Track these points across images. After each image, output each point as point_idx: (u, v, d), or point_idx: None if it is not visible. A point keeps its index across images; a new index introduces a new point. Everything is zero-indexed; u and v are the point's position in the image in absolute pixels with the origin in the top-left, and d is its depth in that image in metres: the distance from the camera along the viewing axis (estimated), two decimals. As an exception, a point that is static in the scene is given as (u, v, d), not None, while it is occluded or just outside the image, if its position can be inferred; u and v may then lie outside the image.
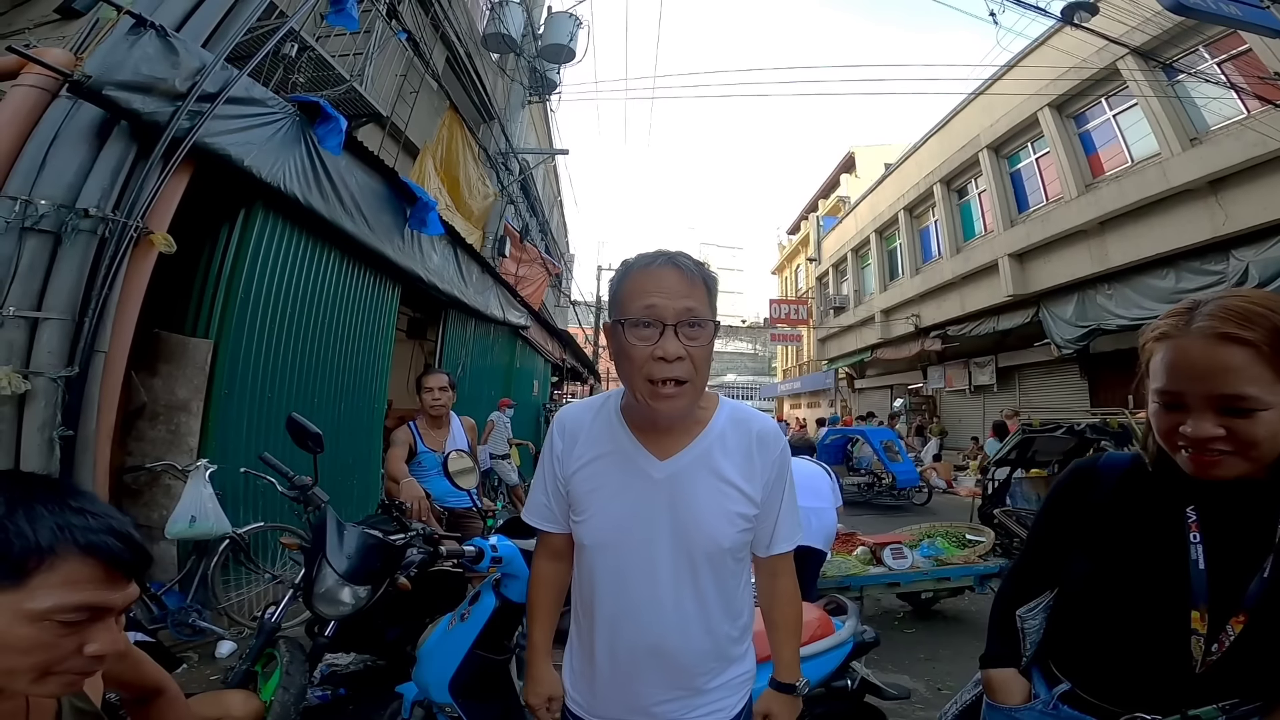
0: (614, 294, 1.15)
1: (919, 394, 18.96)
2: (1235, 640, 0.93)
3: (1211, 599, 0.95)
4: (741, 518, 1.16)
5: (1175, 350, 0.94)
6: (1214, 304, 0.92)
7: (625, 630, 1.16)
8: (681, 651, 1.15)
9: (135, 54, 2.89)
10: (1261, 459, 0.89)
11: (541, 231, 14.81)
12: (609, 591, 1.17)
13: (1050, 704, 1.12)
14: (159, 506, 3.42)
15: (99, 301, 2.78)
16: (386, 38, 6.04)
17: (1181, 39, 9.00)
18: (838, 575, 4.09)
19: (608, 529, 1.17)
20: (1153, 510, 1.04)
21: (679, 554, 1.14)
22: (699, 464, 1.16)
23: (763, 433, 1.21)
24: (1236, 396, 0.87)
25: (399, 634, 2.47)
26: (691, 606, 1.15)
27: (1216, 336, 0.89)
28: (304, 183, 3.88)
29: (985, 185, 14.06)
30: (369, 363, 5.25)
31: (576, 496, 1.21)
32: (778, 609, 1.28)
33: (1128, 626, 1.04)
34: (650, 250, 1.16)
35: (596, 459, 1.20)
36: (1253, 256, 8.36)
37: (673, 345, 1.07)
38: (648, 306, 1.08)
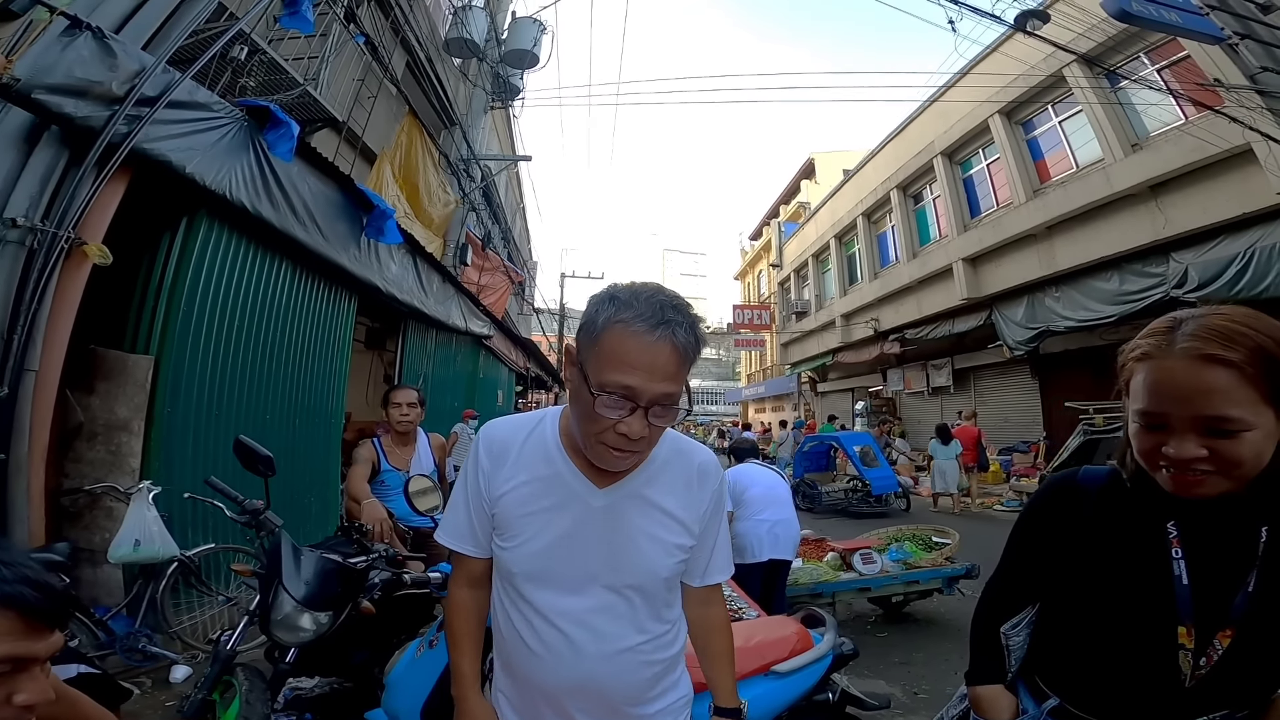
0: (593, 332, 1.00)
1: (879, 396, 19.34)
2: (1223, 654, 0.94)
3: (1197, 614, 0.95)
4: (679, 549, 1.15)
5: (1158, 371, 0.92)
6: (1196, 323, 0.91)
7: (558, 663, 1.10)
8: (618, 683, 1.12)
9: (69, 56, 2.76)
10: (1244, 477, 0.88)
11: (504, 239, 14.66)
12: (539, 622, 1.10)
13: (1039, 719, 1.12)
14: (101, 530, 3.26)
15: (28, 317, 2.63)
16: (344, 41, 5.89)
17: (1124, 46, 9.36)
18: (810, 582, 4.10)
19: (540, 556, 1.10)
20: (1134, 525, 1.03)
21: (614, 584, 1.10)
22: (639, 494, 1.13)
23: (704, 465, 1.19)
24: (1222, 419, 0.86)
25: (366, 657, 2.38)
26: (627, 636, 1.12)
27: (1201, 358, 0.87)
28: (252, 190, 3.73)
29: (940, 191, 14.45)
30: (325, 376, 5.08)
31: (505, 520, 1.12)
32: (713, 639, 1.27)
33: (1115, 642, 1.03)
34: (646, 298, 1.00)
35: (530, 482, 1.12)
36: (1192, 259, 8.72)
37: (638, 427, 0.99)
38: (625, 387, 0.96)
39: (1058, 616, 1.14)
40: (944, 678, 3.73)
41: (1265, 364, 0.85)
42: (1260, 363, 0.85)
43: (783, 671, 1.98)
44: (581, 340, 1.04)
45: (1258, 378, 0.85)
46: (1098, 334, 11.16)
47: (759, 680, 1.96)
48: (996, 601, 1.25)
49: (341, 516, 2.76)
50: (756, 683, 1.94)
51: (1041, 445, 12.72)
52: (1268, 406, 0.86)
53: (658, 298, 1.01)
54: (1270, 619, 0.92)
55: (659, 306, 0.99)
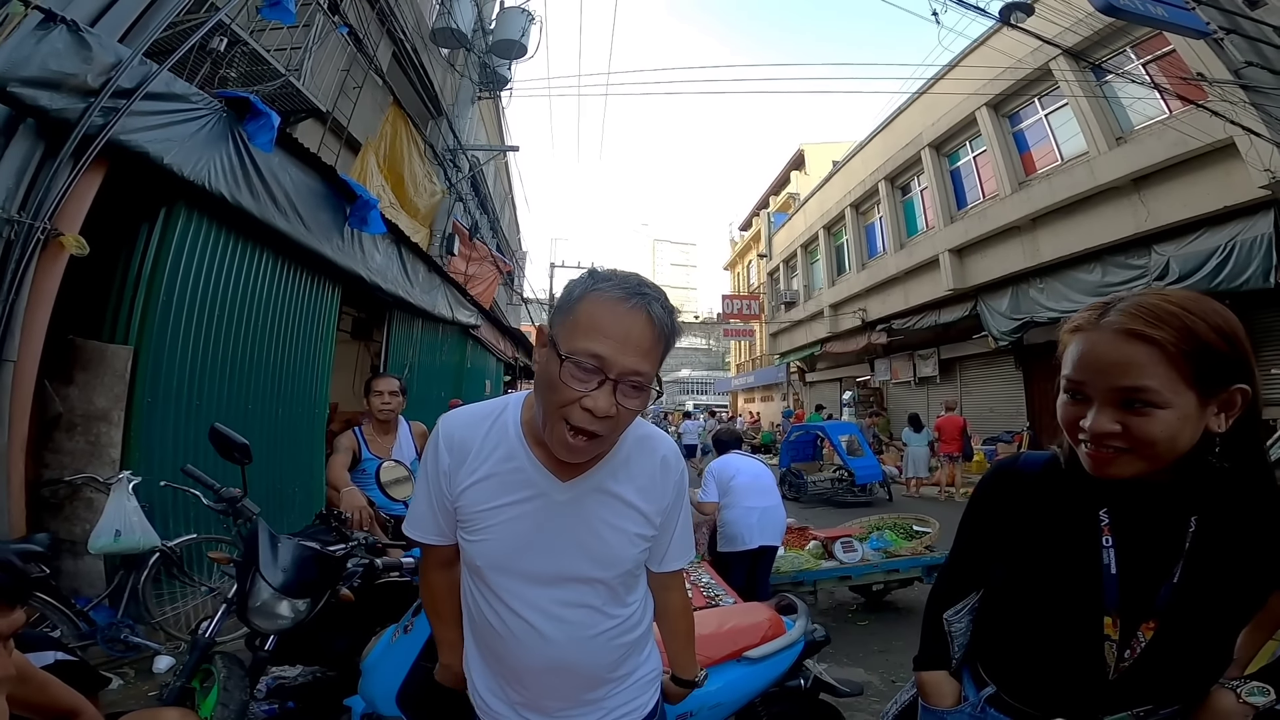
0: (568, 304, 1.01)
1: (867, 386, 19.46)
2: (1146, 646, 0.94)
3: (1123, 604, 0.95)
4: (642, 539, 1.16)
5: (1085, 342, 0.94)
6: (1129, 300, 0.92)
7: (526, 652, 1.12)
8: (587, 664, 1.14)
9: (43, 49, 2.74)
10: (1158, 459, 0.89)
11: (492, 229, 14.61)
12: (506, 613, 1.11)
13: (978, 706, 1.13)
14: (81, 520, 3.24)
15: (5, 308, 2.63)
16: (327, 31, 5.84)
17: (1110, 40, 9.42)
18: (791, 570, 4.16)
19: (505, 550, 1.10)
20: (1067, 512, 1.03)
21: (579, 574, 1.12)
22: (603, 486, 1.13)
23: (667, 456, 1.20)
24: (1136, 389, 0.87)
25: (347, 645, 2.40)
26: (594, 623, 1.14)
27: (1124, 332, 0.89)
28: (231, 181, 3.72)
29: (927, 183, 14.52)
30: (309, 366, 5.07)
31: (468, 515, 1.12)
32: (672, 621, 1.34)
33: (1044, 631, 1.04)
34: (624, 275, 1.02)
35: (492, 476, 1.11)
36: (1173, 251, 8.83)
37: (605, 402, 0.96)
38: (596, 355, 0.95)
39: (995, 603, 1.15)
40: (919, 667, 3.79)
41: (1190, 345, 0.85)
42: (1185, 343, 0.85)
43: (754, 657, 2.01)
44: (555, 318, 1.03)
45: (1179, 358, 0.85)
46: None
47: (731, 666, 1.98)
48: (944, 588, 1.26)
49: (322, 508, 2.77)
50: (729, 668, 1.97)
51: (1025, 435, 12.86)
52: (1189, 389, 0.86)
53: (636, 277, 1.03)
54: (1194, 611, 0.93)
55: (636, 283, 1.01)
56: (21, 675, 1.07)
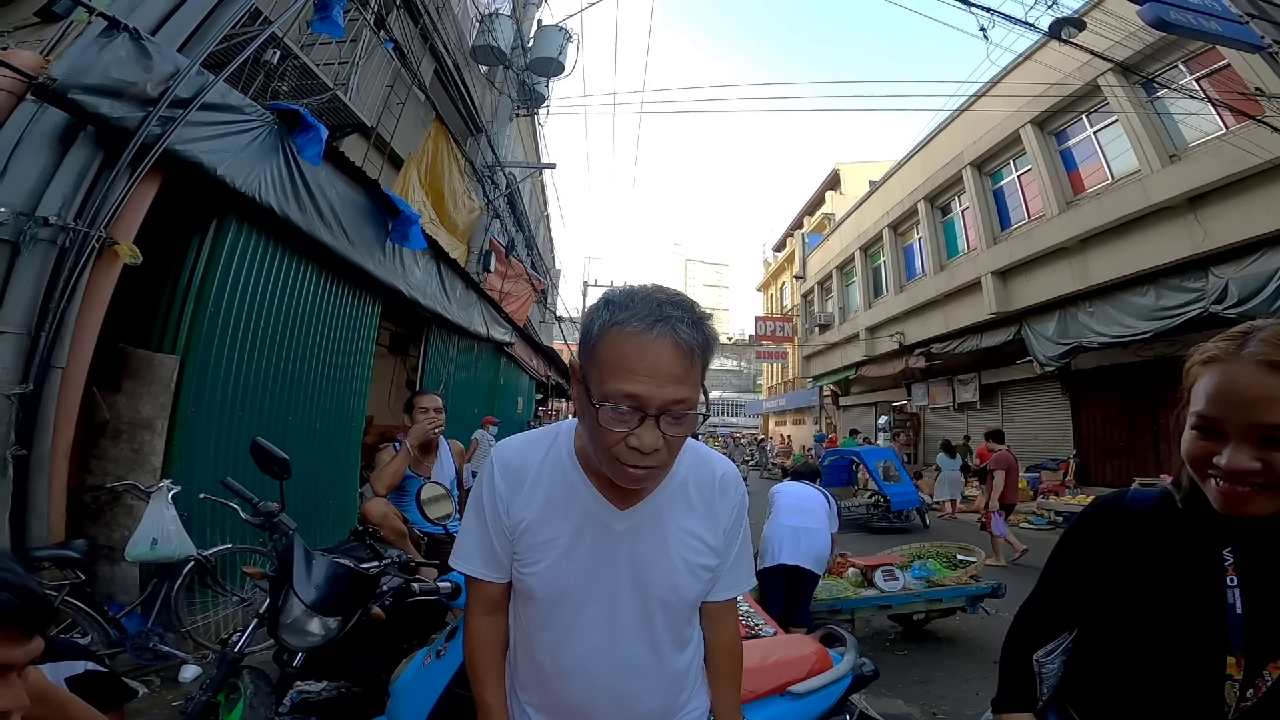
0: (591, 343, 0.95)
1: (903, 411, 19.02)
2: (1272, 685, 0.87)
3: (1248, 644, 0.89)
4: (705, 569, 1.11)
5: (1222, 375, 0.88)
6: (1271, 329, 0.86)
7: (578, 685, 1.07)
8: (644, 700, 1.09)
9: (105, 57, 2.80)
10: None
11: (527, 246, 14.75)
12: (561, 645, 1.07)
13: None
14: (120, 527, 3.27)
15: (57, 315, 2.66)
16: (373, 47, 5.98)
17: (1162, 54, 9.14)
18: (829, 598, 4.01)
19: (563, 582, 1.05)
20: (1185, 551, 0.97)
21: (638, 607, 1.07)
22: (662, 514, 1.08)
23: (725, 478, 1.14)
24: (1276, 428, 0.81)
25: (375, 663, 2.35)
26: (649, 657, 1.09)
27: (1269, 364, 0.83)
28: (280, 193, 3.76)
29: (968, 203, 14.22)
30: (347, 380, 5.10)
31: (525, 545, 1.07)
32: (720, 658, 1.22)
33: (1156, 671, 0.97)
34: (642, 297, 0.93)
35: (549, 505, 1.07)
36: (1232, 273, 8.44)
37: (650, 438, 0.91)
38: (630, 395, 0.89)
39: (1096, 644, 1.08)
40: (964, 698, 3.61)
41: None
42: None
43: (799, 692, 1.91)
44: (581, 354, 0.98)
45: None
46: (1132, 350, 10.85)
47: (774, 701, 1.88)
48: (1030, 627, 1.18)
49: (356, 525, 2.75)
50: (772, 703, 1.87)
51: (1071, 463, 12.38)
52: None
53: (655, 296, 0.94)
54: None
55: (656, 304, 0.91)
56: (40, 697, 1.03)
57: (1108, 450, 12.08)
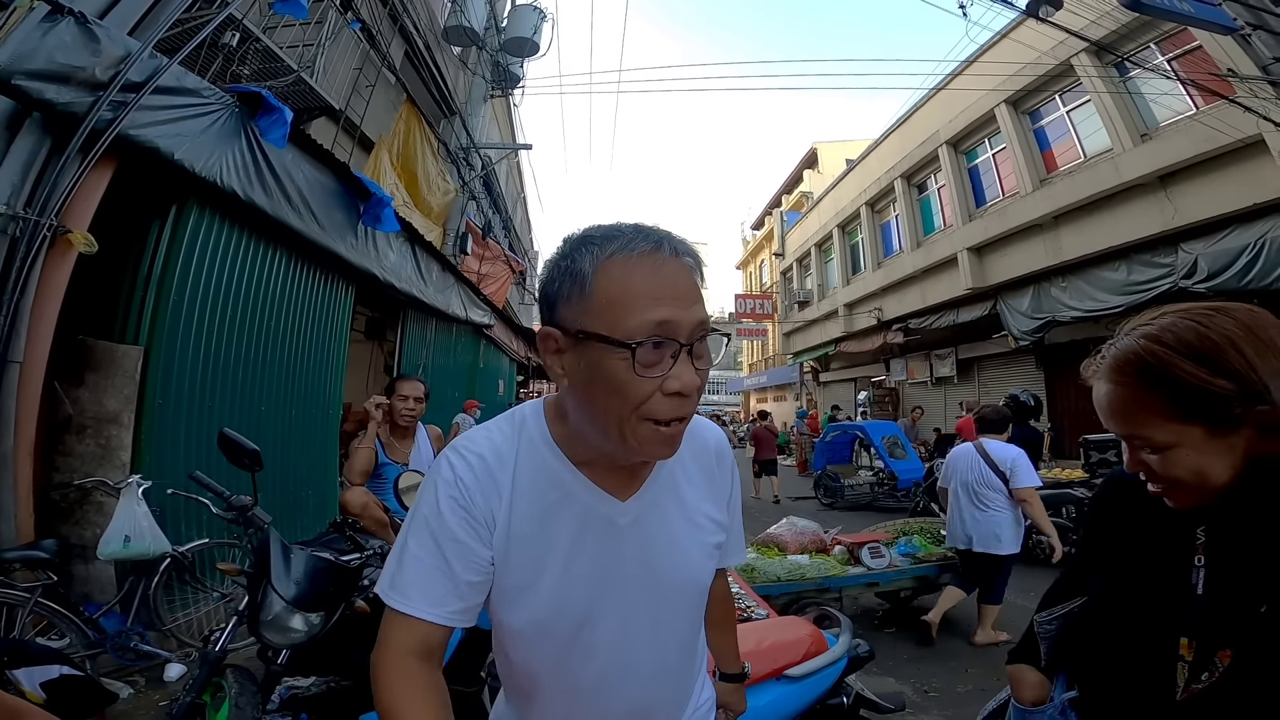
0: (580, 288, 0.79)
1: (882, 386, 19.23)
2: (1221, 675, 0.86)
3: (1205, 627, 0.89)
4: (716, 548, 1.02)
5: (1093, 394, 0.93)
6: (1112, 347, 0.90)
7: (590, 702, 0.95)
8: (667, 698, 1.02)
9: (50, 42, 2.68)
10: (1199, 493, 0.86)
11: (505, 228, 14.55)
12: (572, 665, 0.92)
13: (1060, 709, 1.11)
14: (91, 525, 3.20)
15: (10, 307, 2.56)
16: (339, 28, 5.77)
17: (1135, 34, 9.19)
18: (817, 577, 4.03)
19: (569, 593, 0.89)
20: (1168, 526, 0.97)
21: (655, 608, 0.94)
22: (666, 496, 0.95)
23: (720, 445, 1.06)
24: (1133, 436, 0.87)
25: (363, 656, 2.32)
26: (673, 657, 1.00)
27: (1107, 382, 0.89)
28: (244, 177, 3.64)
29: (944, 180, 14.27)
30: (322, 366, 5.00)
31: (516, 563, 0.88)
32: (716, 607, 1.17)
33: (1121, 643, 1.00)
34: (627, 226, 0.82)
35: (539, 514, 0.88)
36: (1201, 249, 8.60)
37: (691, 375, 0.78)
38: (661, 323, 0.76)
39: (1088, 610, 1.12)
40: (954, 674, 3.67)
41: (1159, 386, 0.82)
42: (1154, 385, 0.83)
43: (796, 675, 1.92)
44: (568, 312, 0.80)
45: (1157, 398, 0.83)
46: (1104, 324, 11.03)
47: (771, 685, 1.89)
48: (1051, 591, 1.25)
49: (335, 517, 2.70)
50: (769, 687, 1.88)
51: (1048, 437, 12.63)
52: (1187, 425, 0.82)
53: (640, 224, 0.83)
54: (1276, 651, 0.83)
55: (644, 228, 0.82)
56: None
57: (1082, 423, 12.32)
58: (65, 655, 2.75)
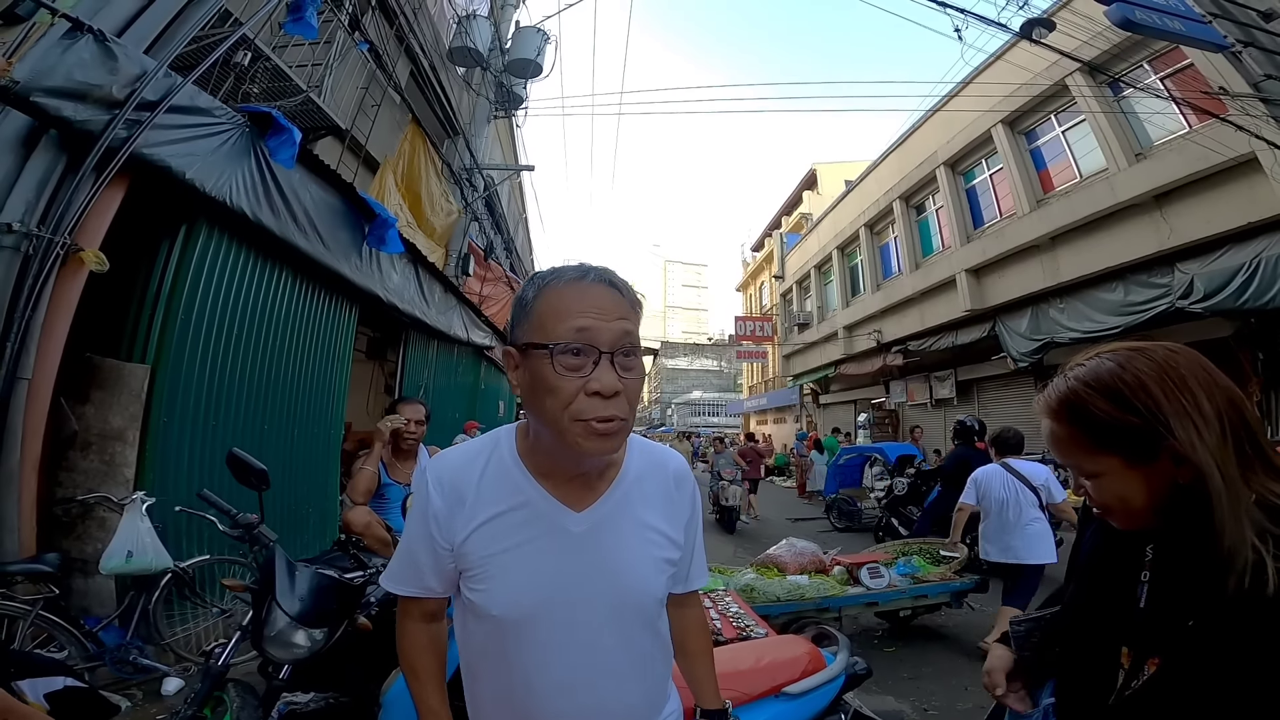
0: (526, 313, 0.97)
1: (882, 408, 19.22)
2: (1145, 681, 0.93)
3: (1142, 638, 0.95)
4: (669, 563, 1.09)
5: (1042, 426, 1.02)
6: (1054, 384, 0.99)
7: (545, 705, 1.01)
8: (619, 706, 1.05)
9: (69, 59, 2.73)
10: (1127, 517, 0.94)
11: (506, 249, 14.66)
12: (526, 665, 1.00)
13: (1044, 712, 1.16)
14: (93, 540, 3.19)
15: (22, 324, 2.58)
16: (348, 49, 5.88)
17: (1128, 54, 9.32)
18: (816, 597, 4.02)
19: (523, 598, 0.99)
20: (1126, 544, 1.04)
21: (607, 614, 1.02)
22: (620, 511, 1.05)
23: (679, 470, 1.15)
24: (1071, 465, 0.97)
25: (363, 673, 2.32)
26: (625, 664, 1.05)
27: (1044, 417, 0.99)
28: (253, 197, 3.69)
29: (943, 202, 14.42)
30: (325, 387, 5.02)
31: (474, 562, 1.00)
32: (692, 639, 1.24)
33: (1077, 651, 1.08)
34: (568, 265, 1.00)
35: (497, 517, 1.01)
36: (1197, 269, 8.65)
37: (610, 378, 0.91)
38: (580, 330, 0.91)
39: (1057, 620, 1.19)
40: (954, 693, 3.64)
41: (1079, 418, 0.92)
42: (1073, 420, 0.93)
43: (794, 693, 1.91)
44: (517, 331, 0.99)
45: (1078, 432, 0.93)
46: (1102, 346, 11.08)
47: (769, 702, 1.88)
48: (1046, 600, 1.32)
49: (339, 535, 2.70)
50: (766, 705, 1.87)
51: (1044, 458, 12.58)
52: (1106, 456, 0.91)
53: (582, 263, 1.01)
54: (1197, 661, 0.88)
55: (582, 265, 0.99)
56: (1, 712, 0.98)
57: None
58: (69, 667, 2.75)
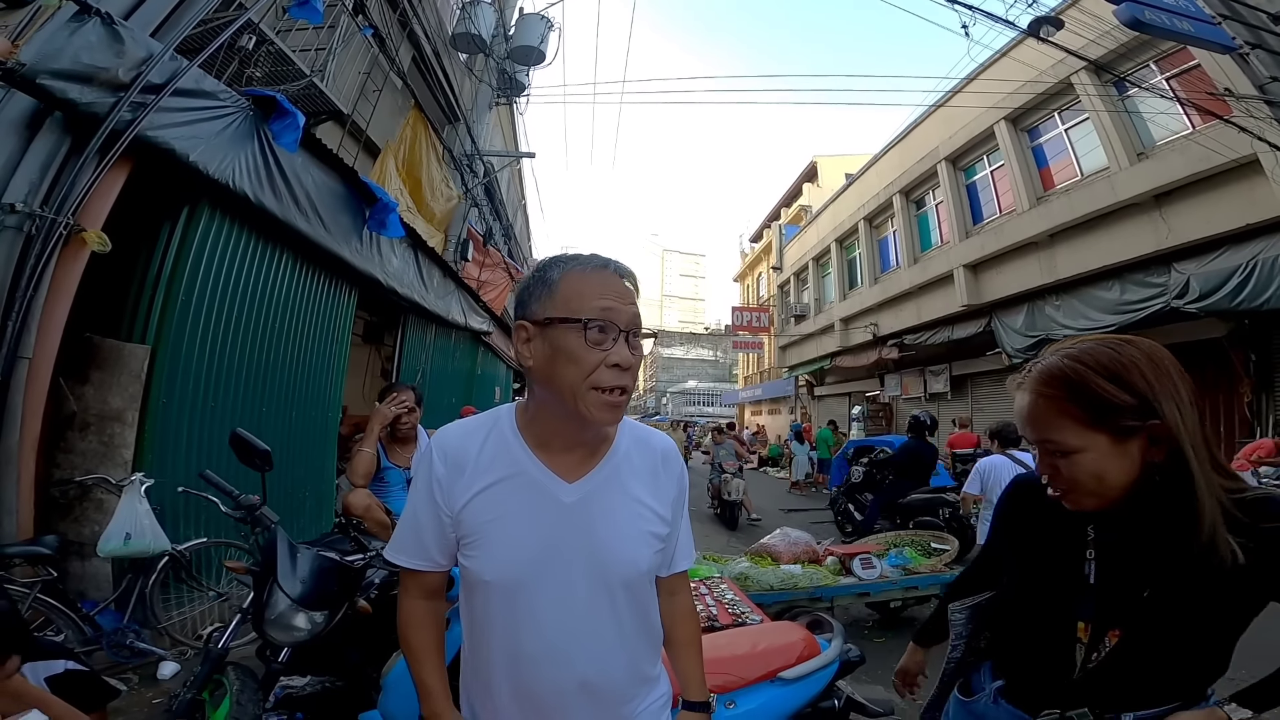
0: (549, 290, 1.05)
1: (876, 401, 19.30)
2: (1110, 652, 1.03)
3: (1096, 612, 1.05)
4: (656, 538, 1.13)
5: (1016, 402, 1.11)
6: (1044, 364, 1.07)
7: (540, 671, 1.05)
8: (604, 685, 1.09)
9: (76, 42, 2.72)
10: (1096, 494, 1.01)
11: (505, 235, 14.60)
12: (519, 630, 1.05)
13: (991, 696, 1.22)
14: (90, 522, 3.20)
15: (23, 304, 2.59)
16: (351, 33, 5.84)
17: (1134, 53, 9.28)
18: (809, 586, 4.07)
19: (515, 562, 1.05)
20: (1065, 524, 1.12)
21: (596, 582, 1.07)
22: (610, 484, 1.11)
23: (666, 450, 1.21)
24: (1048, 441, 1.03)
25: (361, 656, 2.34)
26: (612, 636, 1.09)
27: (1031, 394, 1.06)
28: (255, 180, 3.69)
29: (942, 197, 14.39)
30: (323, 369, 5.03)
31: (471, 529, 1.07)
32: (681, 627, 1.27)
33: (1030, 630, 1.15)
34: (585, 254, 1.11)
35: (493, 485, 1.07)
36: (1194, 269, 8.68)
37: (627, 353, 1.03)
38: (605, 309, 1.02)
39: (1002, 603, 1.27)
40: (942, 683, 3.69)
41: (1078, 397, 0.99)
42: (1073, 397, 0.99)
43: (789, 678, 1.96)
44: (536, 307, 1.05)
45: (1074, 410, 0.99)
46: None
47: (764, 687, 1.94)
48: (960, 583, 1.42)
49: (336, 511, 2.71)
50: (762, 689, 1.93)
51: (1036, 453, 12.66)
52: (1096, 433, 0.98)
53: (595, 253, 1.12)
54: (1156, 626, 0.99)
55: (596, 255, 1.10)
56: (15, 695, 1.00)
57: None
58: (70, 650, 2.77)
